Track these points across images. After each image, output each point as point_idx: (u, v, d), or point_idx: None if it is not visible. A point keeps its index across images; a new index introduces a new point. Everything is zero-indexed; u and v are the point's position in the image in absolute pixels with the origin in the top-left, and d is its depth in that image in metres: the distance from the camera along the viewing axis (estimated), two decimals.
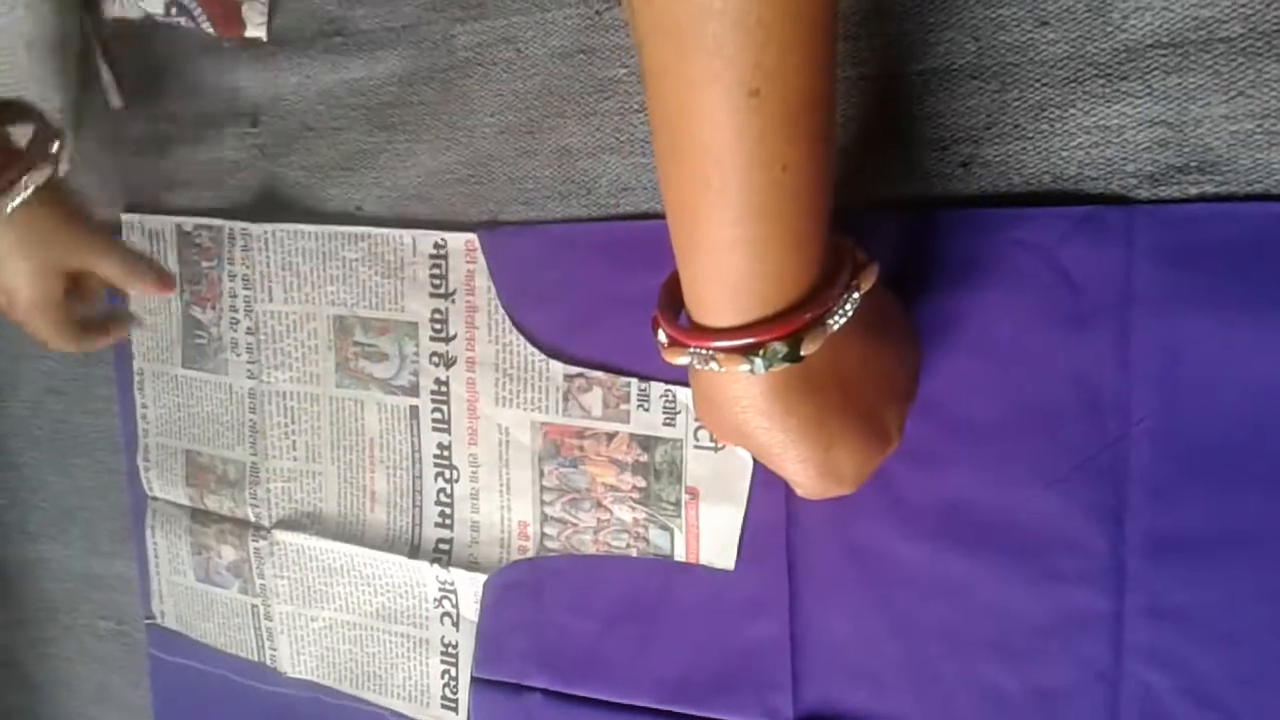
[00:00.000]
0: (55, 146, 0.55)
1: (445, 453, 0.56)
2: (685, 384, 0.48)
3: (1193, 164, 0.39)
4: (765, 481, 0.48)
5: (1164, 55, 0.38)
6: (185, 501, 0.66)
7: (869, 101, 0.43)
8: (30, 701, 0.77)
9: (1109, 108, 0.39)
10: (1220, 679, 0.40)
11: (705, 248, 0.32)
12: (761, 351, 0.33)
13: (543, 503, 0.53)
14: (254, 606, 0.64)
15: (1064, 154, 0.41)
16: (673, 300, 0.37)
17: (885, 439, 0.39)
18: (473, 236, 0.53)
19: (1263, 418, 0.39)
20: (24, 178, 0.52)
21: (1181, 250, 0.39)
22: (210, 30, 0.58)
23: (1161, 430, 0.40)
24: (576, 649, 0.53)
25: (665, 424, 0.49)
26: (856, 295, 0.34)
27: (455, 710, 0.57)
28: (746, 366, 0.33)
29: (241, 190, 0.60)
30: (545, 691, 0.54)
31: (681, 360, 0.35)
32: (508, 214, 0.52)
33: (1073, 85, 0.40)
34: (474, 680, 0.57)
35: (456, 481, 0.56)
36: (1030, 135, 0.41)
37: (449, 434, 0.56)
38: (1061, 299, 0.41)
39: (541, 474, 0.53)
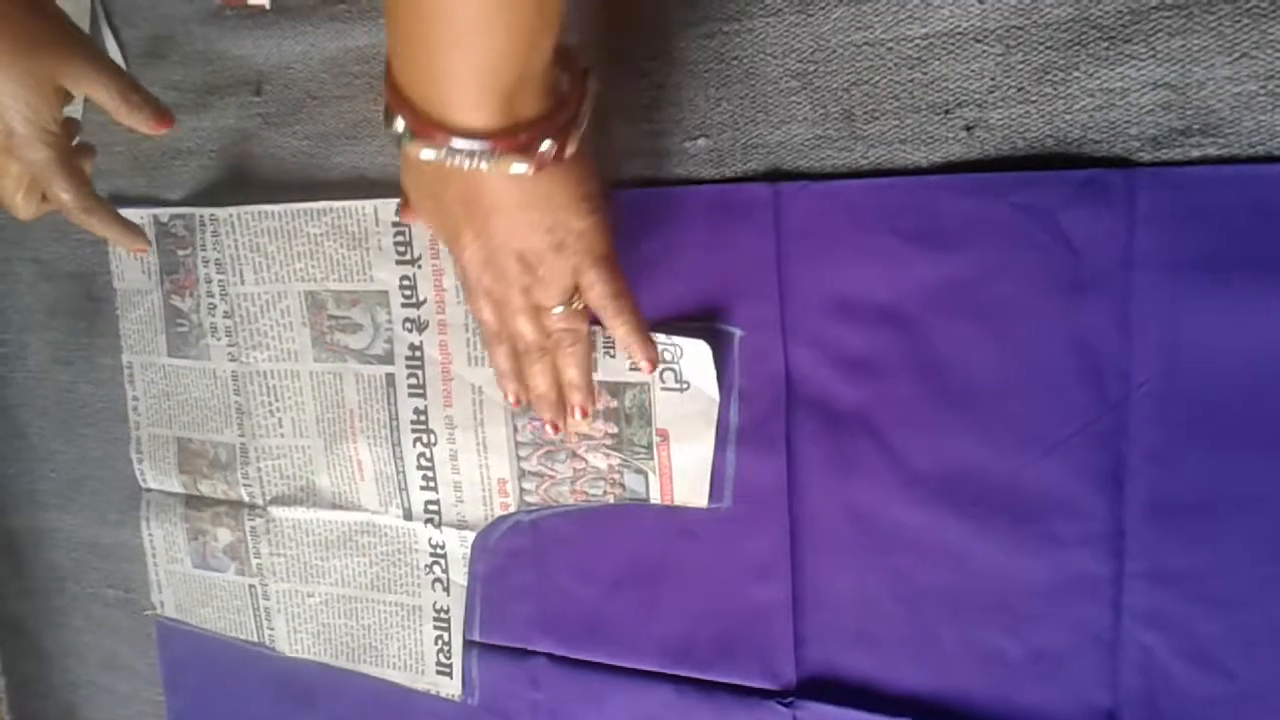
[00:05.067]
0: None
1: (422, 417, 0.56)
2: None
3: (1195, 127, 0.39)
4: (766, 446, 0.48)
5: (1168, 17, 0.38)
6: (179, 489, 0.67)
7: (872, 66, 0.43)
8: (40, 669, 0.78)
9: (1112, 70, 0.39)
10: (1219, 641, 0.41)
11: (460, 35, 0.34)
12: (521, 151, 0.36)
13: (519, 458, 0.54)
14: (251, 587, 0.65)
15: (1067, 117, 0.41)
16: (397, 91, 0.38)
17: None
18: None
19: (1263, 381, 0.39)
20: None
21: (1183, 213, 0.39)
22: None
23: (1162, 394, 0.40)
24: (580, 613, 0.54)
25: (632, 368, 0.50)
26: (594, 93, 0.39)
27: (450, 675, 0.58)
28: (523, 166, 0.37)
29: (245, 160, 0.60)
30: (550, 656, 0.55)
31: (427, 154, 0.37)
32: None
33: (1077, 48, 0.40)
34: (479, 645, 0.57)
35: (435, 445, 0.56)
36: (1034, 99, 0.41)
37: (424, 398, 0.56)
38: (1063, 263, 0.41)
39: (516, 429, 0.54)
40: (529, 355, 0.46)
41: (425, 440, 0.56)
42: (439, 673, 0.59)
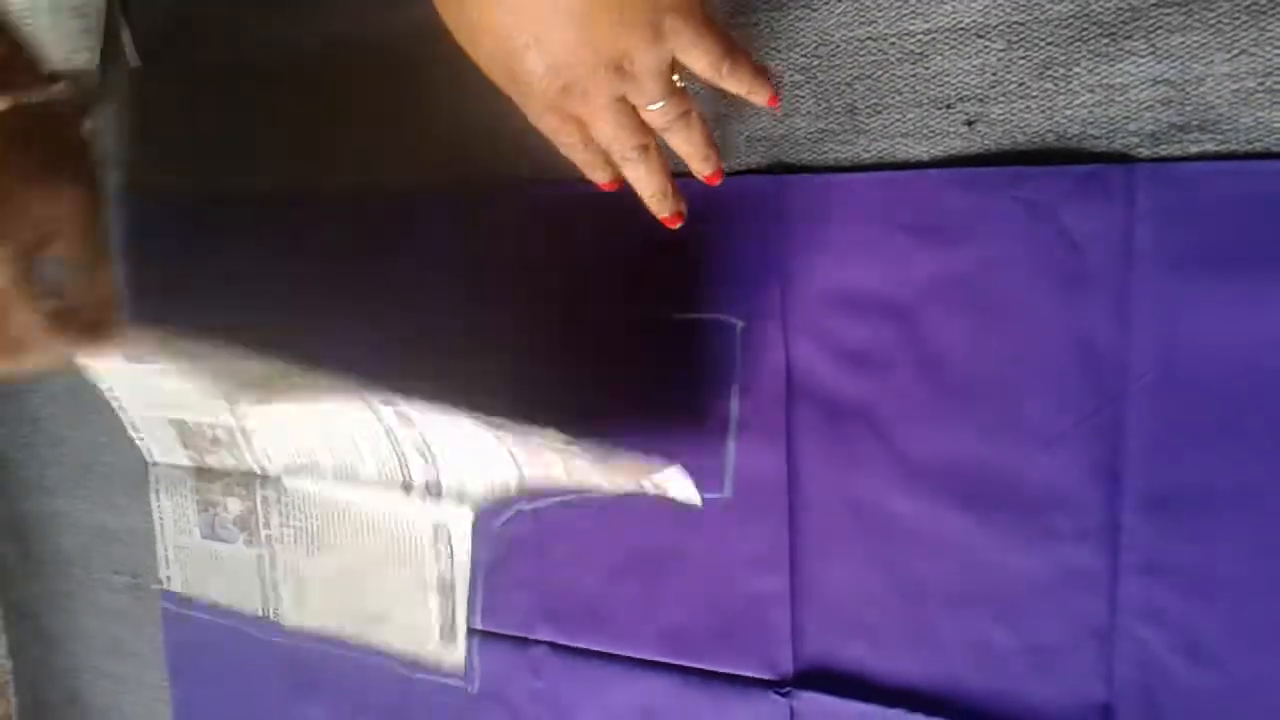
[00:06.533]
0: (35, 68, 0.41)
1: None
2: None
3: (1194, 123, 0.39)
4: (766, 437, 0.48)
5: (1168, 13, 0.38)
6: (187, 462, 0.67)
7: (875, 60, 0.44)
8: (45, 654, 0.78)
9: (1113, 66, 0.40)
10: (1215, 635, 0.41)
11: None
12: None
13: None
14: (259, 557, 0.65)
15: (1067, 113, 0.41)
16: None
17: None
18: None
19: (1261, 376, 0.39)
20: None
21: (1182, 209, 0.39)
22: None
23: (1160, 388, 0.41)
24: (581, 602, 0.54)
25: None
26: None
27: (454, 645, 0.58)
28: None
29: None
30: (551, 644, 0.55)
31: None
32: None
33: (1078, 44, 0.40)
34: (480, 633, 0.58)
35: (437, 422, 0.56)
36: (1034, 94, 0.41)
37: None
38: (1063, 258, 0.41)
39: None
40: (629, 162, 0.40)
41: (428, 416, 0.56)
42: (442, 642, 0.59)
